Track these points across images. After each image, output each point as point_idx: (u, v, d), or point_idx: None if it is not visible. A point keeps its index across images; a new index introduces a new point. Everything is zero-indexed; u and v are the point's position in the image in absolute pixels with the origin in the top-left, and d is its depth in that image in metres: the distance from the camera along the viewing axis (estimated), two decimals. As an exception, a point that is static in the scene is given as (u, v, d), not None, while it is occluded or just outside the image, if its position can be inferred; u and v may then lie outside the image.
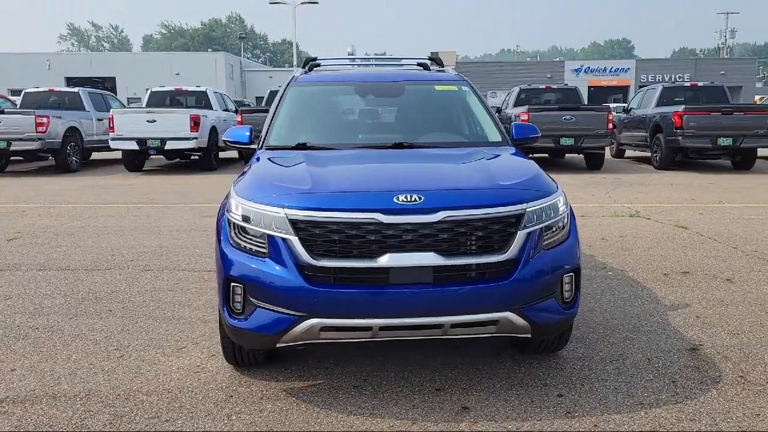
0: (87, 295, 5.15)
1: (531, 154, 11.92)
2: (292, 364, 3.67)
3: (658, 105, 15.84)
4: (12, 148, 14.76)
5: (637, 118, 16.56)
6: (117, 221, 8.63)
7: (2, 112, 14.90)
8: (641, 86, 47.09)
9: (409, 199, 3.01)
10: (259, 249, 3.10)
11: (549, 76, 48.50)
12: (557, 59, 66.57)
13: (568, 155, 16.80)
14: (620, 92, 51.93)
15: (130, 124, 15.16)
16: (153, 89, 17.88)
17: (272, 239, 3.05)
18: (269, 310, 3.05)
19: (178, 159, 17.33)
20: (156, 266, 6.08)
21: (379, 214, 2.97)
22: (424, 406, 3.18)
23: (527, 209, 3.11)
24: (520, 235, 3.07)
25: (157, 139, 15.08)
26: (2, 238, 7.48)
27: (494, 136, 4.34)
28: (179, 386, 3.43)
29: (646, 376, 3.50)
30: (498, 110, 17.13)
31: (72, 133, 15.68)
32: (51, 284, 5.47)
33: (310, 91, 4.80)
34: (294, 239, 2.99)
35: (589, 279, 5.35)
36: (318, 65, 5.48)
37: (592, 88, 50.19)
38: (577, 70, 51.72)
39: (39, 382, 3.49)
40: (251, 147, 4.33)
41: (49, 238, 7.48)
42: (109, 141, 15.42)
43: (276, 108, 4.46)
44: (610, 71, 52.43)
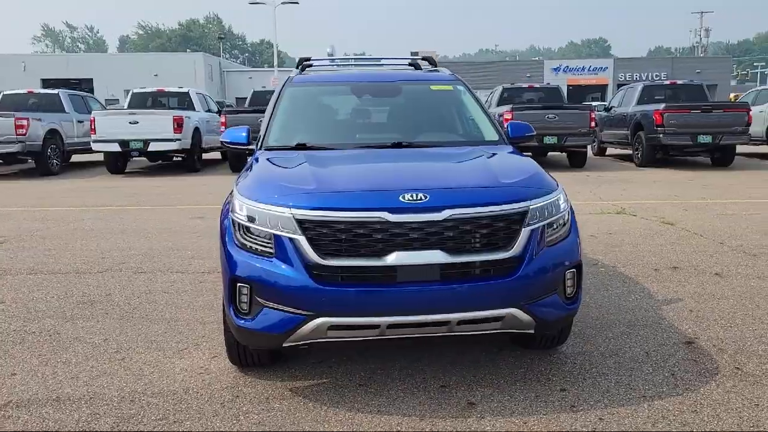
0: (81, 298, 5.11)
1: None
2: (295, 365, 3.68)
3: (638, 103, 16.06)
4: (-9, 152, 14.56)
5: (618, 117, 16.77)
6: (104, 224, 8.55)
7: (-20, 115, 14.69)
8: (619, 85, 47.61)
9: (415, 198, 3.04)
10: (266, 249, 3.11)
11: (528, 75, 48.84)
12: (536, 58, 67.08)
13: (550, 153, 16.94)
14: (598, 91, 52.47)
15: (112, 126, 15.02)
16: (135, 90, 17.75)
17: (279, 239, 3.06)
18: (277, 309, 3.06)
19: (160, 161, 17.20)
20: (148, 268, 6.05)
21: (385, 212, 3.00)
22: (431, 402, 3.22)
23: (531, 207, 3.15)
24: (524, 233, 3.11)
25: (139, 140, 14.98)
26: (-12, 242, 7.39)
27: (491, 134, 4.39)
28: (184, 387, 3.43)
29: (646, 370, 3.57)
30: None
31: (52, 135, 15.48)
32: (43, 288, 5.41)
33: (307, 91, 4.82)
34: (301, 239, 3.01)
35: (583, 275, 5.41)
36: (311, 65, 5.50)
37: (571, 87, 50.58)
38: (556, 69, 52.17)
39: (41, 386, 3.47)
40: (249, 148, 4.33)
41: (37, 241, 7.40)
42: (91, 143, 15.27)
43: (273, 109, 4.47)
44: (589, 70, 52.95)
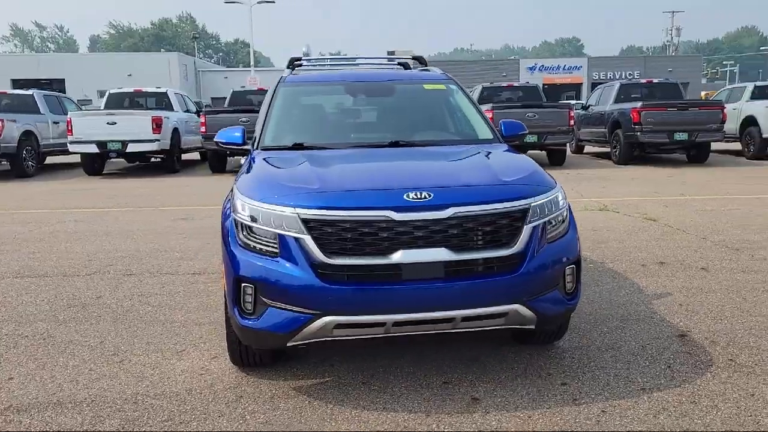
0: (71, 301, 5.06)
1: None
2: (297, 363, 3.69)
3: (616, 102, 16.29)
4: (-35, 153, 14.29)
5: (596, 115, 16.99)
6: (87, 226, 8.45)
7: (-46, 116, 14.40)
8: (593, 84, 48.14)
9: (419, 196, 3.07)
10: (270, 249, 3.11)
11: (504, 74, 49.18)
12: (512, 58, 67.49)
13: (530, 151, 17.05)
14: (573, 89, 52.98)
15: (89, 127, 14.83)
16: (112, 91, 17.51)
17: (284, 239, 3.06)
18: (282, 309, 3.06)
19: (138, 162, 17.01)
20: (137, 270, 5.99)
21: (390, 211, 3.02)
22: (435, 399, 3.25)
23: (532, 204, 3.20)
24: (526, 230, 3.16)
25: (117, 141, 14.80)
26: (-30, 245, 7.26)
27: (485, 133, 4.43)
28: (186, 388, 3.41)
29: (643, 363, 3.64)
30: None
31: (27, 137, 15.22)
32: (31, 292, 5.34)
33: (301, 91, 4.82)
34: (307, 238, 3.02)
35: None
36: (301, 65, 5.51)
37: (546, 86, 50.95)
38: (531, 68, 52.60)
39: (41, 390, 3.43)
40: (245, 148, 4.32)
41: (19, 244, 7.29)
42: (68, 144, 15.05)
43: (268, 109, 4.46)
44: (564, 69, 53.48)
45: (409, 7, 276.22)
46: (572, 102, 23.11)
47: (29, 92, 16.83)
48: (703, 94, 45.23)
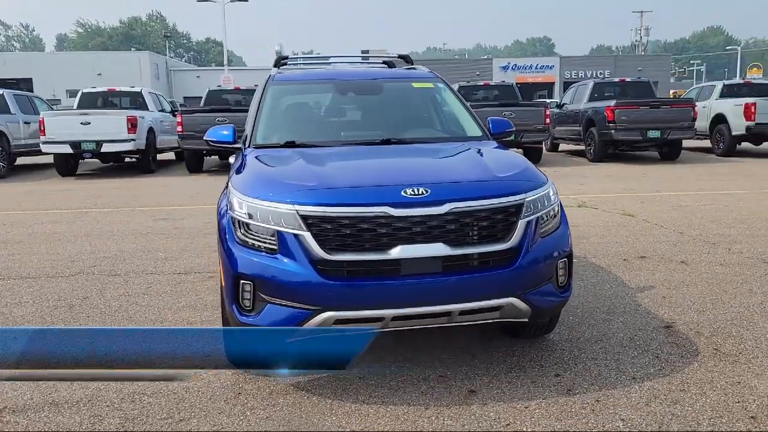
0: (57, 302, 5.00)
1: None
2: (293, 360, 3.71)
3: (590, 100, 16.53)
4: (-66, 154, 13.97)
5: (571, 113, 17.22)
6: (66, 227, 8.34)
7: None
8: (565, 83, 48.68)
9: (416, 193, 3.12)
10: (269, 246, 3.13)
11: (478, 73, 49.47)
12: (485, 57, 67.92)
13: (506, 150, 17.24)
14: (545, 88, 53.53)
15: (62, 127, 14.59)
16: (84, 90, 17.27)
17: (283, 235, 3.09)
18: (282, 305, 3.09)
19: (112, 162, 16.80)
20: (122, 271, 5.94)
21: (388, 207, 3.06)
22: (433, 392, 3.30)
23: (526, 199, 3.27)
24: (521, 225, 3.22)
25: (92, 141, 14.59)
26: (-54, 248, 7.12)
27: (474, 130, 4.49)
28: (184, 386, 3.41)
29: (632, 353, 3.73)
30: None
31: (-2, 137, 14.95)
32: (15, 293, 5.27)
33: (291, 89, 4.84)
34: (306, 235, 3.04)
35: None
36: (286, 63, 5.53)
37: (519, 85, 51.40)
38: (504, 68, 53.02)
39: (35, 391, 3.40)
40: (235, 146, 4.32)
41: (-2, 246, 7.18)
42: (41, 145, 14.80)
43: (258, 107, 4.47)
44: (536, 68, 54.03)
45: (381, 6, 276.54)
46: (548, 101, 23.36)
47: (-1, 92, 16.50)
48: (671, 92, 46.01)
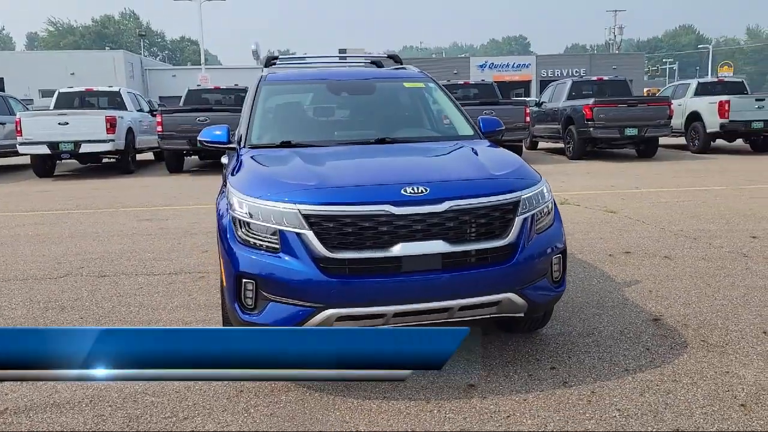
0: (48, 304, 4.97)
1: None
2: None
3: (568, 98, 16.75)
4: None
5: (550, 111, 17.43)
6: (49, 228, 8.26)
7: None
8: (542, 81, 49.11)
9: (416, 191, 3.18)
10: (270, 245, 3.17)
11: (455, 72, 49.66)
12: (463, 56, 68.28)
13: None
14: (522, 87, 53.92)
15: (40, 128, 14.40)
16: (61, 90, 17.06)
17: (285, 234, 3.13)
18: (285, 303, 3.13)
19: (89, 163, 16.62)
20: (111, 272, 5.92)
21: (389, 205, 3.12)
22: (432, 386, 3.36)
23: (522, 196, 3.35)
24: (518, 221, 3.30)
25: (70, 142, 14.42)
26: (-72, 251, 7.02)
27: (466, 129, 4.57)
28: (185, 385, 3.42)
29: (623, 346, 3.83)
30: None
31: (-28, 138, 14.73)
32: (4, 295, 5.23)
33: (284, 89, 4.87)
34: (309, 233, 3.09)
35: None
36: (275, 63, 5.55)
37: (496, 83, 51.80)
38: (482, 66, 53.29)
39: (35, 392, 3.40)
40: (230, 147, 4.34)
41: (-19, 248, 7.09)
42: (18, 146, 14.60)
43: (252, 107, 4.48)
44: (513, 67, 54.40)
45: (357, 6, 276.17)
46: (528, 99, 23.60)
47: (-27, 92, 16.24)
48: (645, 90, 46.65)
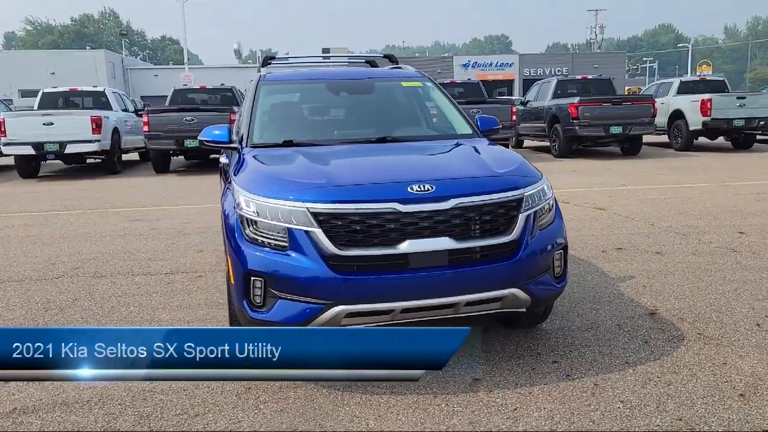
0: (47, 305, 4.96)
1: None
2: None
3: (554, 97, 16.89)
4: None
5: (535, 110, 17.58)
6: (39, 230, 8.21)
7: None
8: (525, 80, 49.39)
9: (422, 189, 3.23)
10: (279, 243, 3.21)
11: (439, 71, 49.75)
12: (446, 54, 68.45)
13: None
14: (505, 86, 54.16)
15: (24, 128, 14.27)
16: (45, 90, 16.90)
17: (294, 233, 3.17)
18: (293, 300, 3.17)
19: (74, 163, 16.49)
20: (107, 272, 5.91)
21: (396, 203, 3.17)
22: (438, 381, 3.41)
23: (525, 194, 3.42)
24: (521, 218, 3.37)
25: (55, 143, 14.30)
26: None
27: (464, 128, 4.62)
28: (193, 383, 3.45)
29: (621, 339, 3.92)
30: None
31: (-44, 139, 14.53)
32: (0, 297, 5.20)
33: (283, 88, 4.90)
34: (318, 231, 3.13)
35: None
36: (271, 63, 5.58)
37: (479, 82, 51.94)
38: (465, 65, 53.45)
39: (42, 392, 3.40)
40: (231, 146, 4.35)
41: (-28, 250, 7.03)
42: (1, 147, 14.46)
43: (252, 106, 4.50)
44: (496, 66, 54.63)
45: (338, 5, 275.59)
46: (513, 98, 23.78)
47: (-45, 92, 16.04)
48: (626, 89, 47.06)
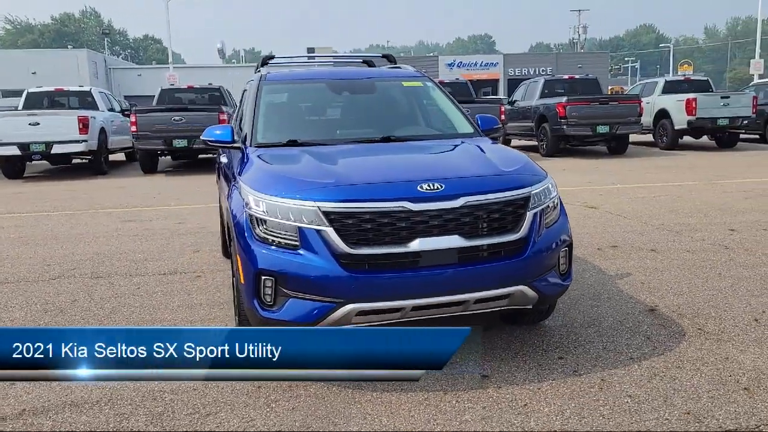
0: (46, 306, 4.93)
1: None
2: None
3: (541, 97, 17.01)
4: None
5: (523, 110, 17.69)
6: (30, 231, 8.13)
7: None
8: (510, 80, 49.62)
9: (432, 188, 3.26)
10: (290, 242, 3.22)
11: (425, 71, 49.75)
12: (431, 54, 68.61)
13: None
14: (490, 85, 54.36)
15: (9, 129, 14.10)
16: (30, 90, 16.74)
17: (305, 232, 3.18)
18: (305, 299, 3.18)
19: (60, 164, 16.34)
20: (104, 273, 5.88)
21: (406, 202, 3.20)
22: (447, 378, 3.44)
23: (532, 192, 3.46)
24: (529, 216, 3.41)
25: (41, 143, 14.15)
26: None
27: (466, 127, 4.65)
28: (203, 382, 3.45)
29: (624, 335, 3.97)
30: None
31: (-61, 140, 14.32)
32: (-2, 298, 5.17)
33: (285, 88, 4.90)
34: (329, 230, 3.15)
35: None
36: (268, 63, 5.57)
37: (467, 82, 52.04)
38: (450, 65, 53.58)
39: (50, 393, 3.39)
40: (234, 146, 4.35)
41: (-37, 251, 6.96)
42: (-14, 148, 14.28)
43: (255, 106, 4.51)
44: (481, 65, 54.82)
45: (322, 4, 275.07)
46: (502, 98, 23.90)
47: (-62, 92, 15.82)
48: (609, 89, 47.42)
